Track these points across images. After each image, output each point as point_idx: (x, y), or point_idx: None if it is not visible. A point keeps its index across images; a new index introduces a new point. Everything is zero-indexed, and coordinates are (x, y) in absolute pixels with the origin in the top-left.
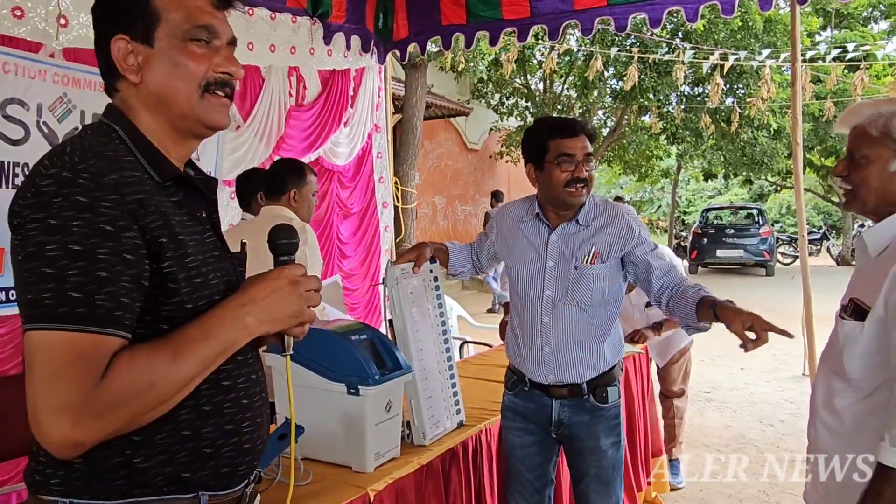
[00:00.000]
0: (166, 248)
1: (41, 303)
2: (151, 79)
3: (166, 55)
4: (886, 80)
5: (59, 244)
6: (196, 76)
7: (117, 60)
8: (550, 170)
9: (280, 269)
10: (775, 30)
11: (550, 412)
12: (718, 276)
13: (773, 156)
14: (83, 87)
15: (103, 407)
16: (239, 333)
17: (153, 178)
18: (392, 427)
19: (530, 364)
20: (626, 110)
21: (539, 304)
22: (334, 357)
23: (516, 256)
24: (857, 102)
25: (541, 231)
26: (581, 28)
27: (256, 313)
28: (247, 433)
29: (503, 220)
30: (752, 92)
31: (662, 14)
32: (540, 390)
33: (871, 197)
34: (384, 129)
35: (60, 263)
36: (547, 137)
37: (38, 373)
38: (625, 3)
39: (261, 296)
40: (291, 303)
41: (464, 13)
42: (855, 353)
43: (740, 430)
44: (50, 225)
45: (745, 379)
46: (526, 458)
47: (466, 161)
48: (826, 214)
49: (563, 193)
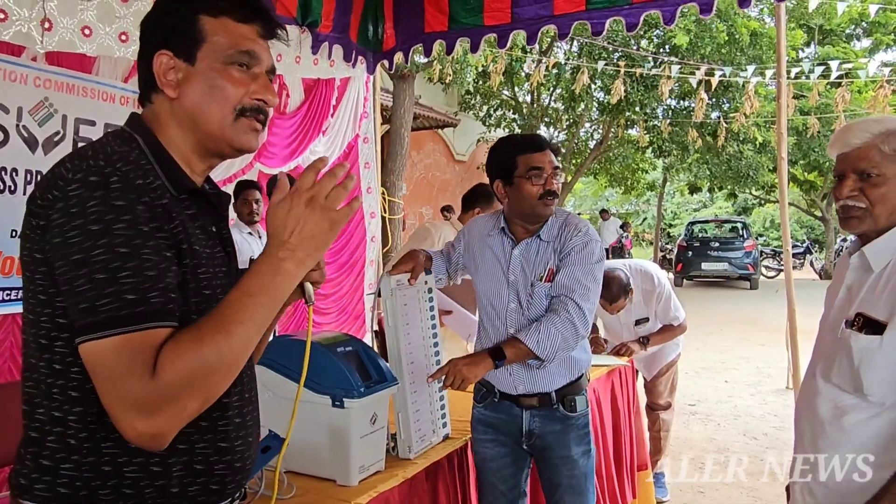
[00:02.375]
0: (184, 255)
1: (97, 310)
2: (188, 96)
3: (206, 75)
4: (868, 94)
5: (105, 248)
6: (232, 100)
7: (158, 74)
8: (521, 184)
9: (289, 195)
10: (761, 43)
11: (521, 423)
12: (703, 289)
13: (758, 169)
14: (65, 91)
15: (168, 396)
16: (283, 280)
17: (169, 190)
18: (377, 440)
19: (500, 376)
20: (613, 123)
21: (505, 316)
22: (319, 369)
23: (482, 270)
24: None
25: (505, 245)
26: (558, 32)
27: (293, 256)
28: (238, 451)
29: (471, 234)
30: (738, 106)
31: (639, 18)
32: (510, 401)
33: (885, 214)
34: (372, 139)
35: (111, 267)
36: (514, 153)
37: (104, 378)
38: (603, 8)
39: (289, 235)
40: (320, 222)
41: (446, 20)
42: (874, 368)
43: (724, 442)
44: (92, 231)
45: (729, 392)
46: (498, 470)
47: (454, 172)
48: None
49: (538, 206)
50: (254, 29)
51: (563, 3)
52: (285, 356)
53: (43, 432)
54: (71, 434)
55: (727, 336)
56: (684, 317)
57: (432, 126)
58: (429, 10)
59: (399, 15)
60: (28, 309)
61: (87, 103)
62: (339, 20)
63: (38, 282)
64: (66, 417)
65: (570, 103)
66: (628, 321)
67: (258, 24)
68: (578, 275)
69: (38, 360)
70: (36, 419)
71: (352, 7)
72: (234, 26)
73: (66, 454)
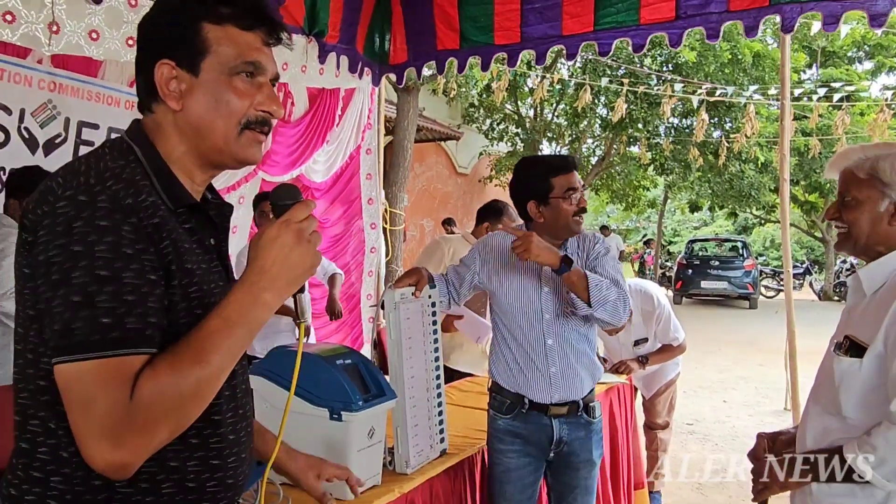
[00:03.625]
0: (173, 276)
1: (72, 333)
2: (192, 108)
3: (210, 87)
4: (869, 117)
5: (84, 270)
6: (237, 113)
7: (160, 84)
8: (558, 204)
9: (279, 224)
10: (763, 64)
11: (551, 432)
12: (702, 308)
13: (759, 189)
14: (70, 93)
15: (140, 425)
16: (261, 312)
17: (166, 204)
18: (374, 454)
19: (535, 386)
20: (615, 140)
21: (541, 327)
22: (317, 381)
23: (510, 285)
24: (844, 147)
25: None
26: (567, 53)
27: (272, 286)
28: (231, 468)
29: (490, 251)
30: (739, 126)
31: (646, 39)
32: (538, 411)
33: (862, 237)
34: (375, 150)
35: (89, 290)
36: (549, 175)
37: (75, 402)
38: (610, 29)
39: (271, 264)
40: (304, 257)
41: (458, 38)
42: (852, 391)
43: (722, 463)
44: (73, 251)
45: (727, 412)
46: (520, 480)
47: (456, 185)
48: (809, 249)
49: (572, 222)
50: (259, 36)
51: (572, 24)
52: (283, 367)
53: (35, 444)
54: (63, 447)
55: (726, 355)
56: (684, 337)
57: (435, 138)
58: (440, 27)
59: (411, 31)
60: (19, 322)
61: (91, 106)
62: (345, 31)
63: (27, 296)
64: (57, 430)
65: (572, 119)
66: (627, 341)
67: (263, 31)
68: (611, 271)
69: (29, 373)
70: (28, 430)
71: (359, 19)
72: (239, 34)
73: (56, 467)
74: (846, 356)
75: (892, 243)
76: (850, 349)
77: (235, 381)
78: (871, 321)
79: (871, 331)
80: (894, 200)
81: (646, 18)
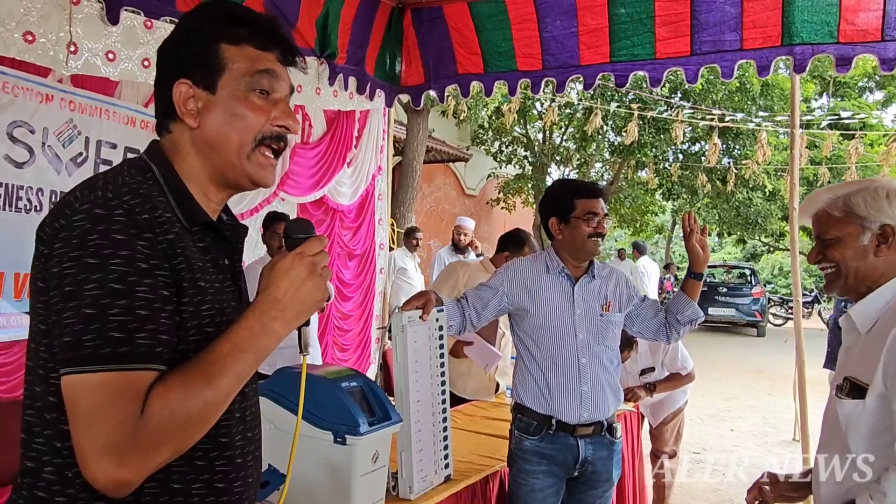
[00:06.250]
0: (185, 293)
1: (82, 345)
2: (209, 124)
3: (227, 103)
4: (880, 148)
5: (98, 283)
6: (253, 128)
7: (178, 104)
8: (577, 224)
9: (293, 256)
10: (772, 94)
11: (577, 452)
12: (709, 334)
13: (766, 217)
14: (90, 113)
15: (146, 443)
16: (270, 340)
17: (181, 221)
18: (378, 479)
19: (566, 406)
20: (624, 164)
21: (574, 347)
22: (322, 404)
23: (543, 306)
24: (813, 192)
25: (564, 283)
26: (584, 83)
27: (283, 316)
28: (237, 493)
29: (519, 276)
30: (747, 153)
31: (663, 74)
32: (565, 431)
33: (851, 272)
34: (385, 171)
35: (102, 303)
36: (575, 196)
37: (81, 416)
38: (627, 61)
39: (283, 295)
40: (315, 291)
41: (480, 62)
42: (860, 434)
43: (729, 493)
44: (88, 264)
45: (734, 441)
46: (545, 500)
47: (463, 206)
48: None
49: (588, 243)
50: (274, 56)
51: (588, 54)
52: (288, 389)
53: (40, 462)
54: (68, 466)
55: (733, 383)
56: (692, 366)
57: (444, 160)
58: (459, 51)
59: (427, 54)
60: (31, 337)
61: (109, 126)
62: (353, 52)
63: (39, 311)
64: (63, 450)
65: (581, 143)
66: (634, 370)
67: (278, 52)
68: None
69: (38, 390)
70: (34, 448)
71: (368, 41)
72: (255, 53)
73: (61, 487)
74: (848, 398)
75: (877, 277)
76: (851, 391)
77: (246, 404)
78: (867, 360)
79: (869, 370)
80: (875, 232)
81: (661, 53)
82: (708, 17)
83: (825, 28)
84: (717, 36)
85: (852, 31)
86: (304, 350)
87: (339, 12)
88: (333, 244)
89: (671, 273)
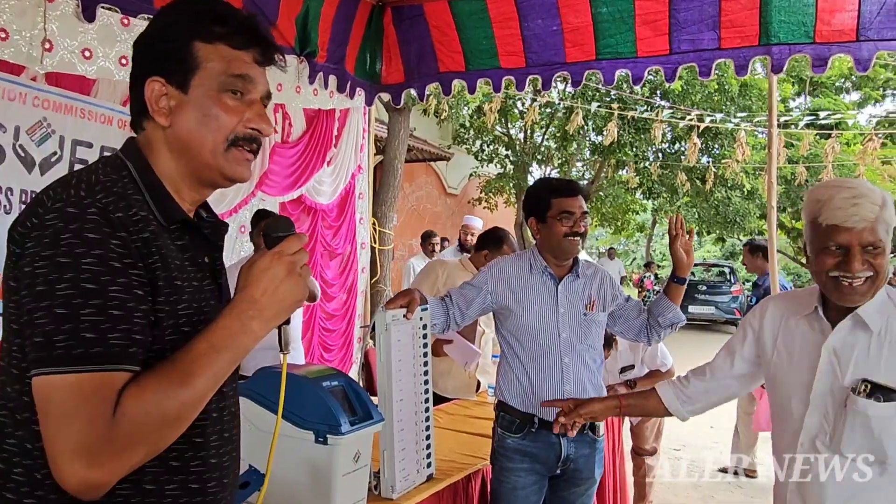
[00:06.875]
0: (160, 292)
1: (54, 345)
2: (181, 124)
3: (199, 103)
4: (856, 147)
5: (70, 282)
6: (225, 129)
7: (149, 101)
8: (552, 224)
9: (271, 255)
10: (750, 94)
11: (559, 450)
12: (689, 332)
13: (745, 215)
14: (64, 112)
15: (120, 445)
16: (248, 340)
17: (158, 219)
18: (360, 478)
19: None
20: (604, 164)
21: (557, 346)
22: (303, 403)
23: (527, 305)
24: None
25: (547, 282)
26: (571, 80)
27: (261, 315)
28: (211, 493)
29: (503, 275)
30: (726, 153)
31: (644, 72)
32: (547, 429)
33: (883, 279)
34: (366, 170)
35: (74, 302)
36: (551, 195)
37: (53, 417)
38: (611, 59)
39: (261, 294)
40: (294, 290)
41: (462, 60)
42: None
43: (709, 490)
44: (60, 263)
45: (714, 438)
46: (527, 498)
47: (445, 205)
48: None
49: (564, 242)
50: (250, 55)
51: (574, 52)
52: (268, 388)
53: (10, 464)
54: (38, 468)
55: None
56: (672, 363)
57: (425, 159)
58: (440, 49)
59: (407, 52)
60: (4, 337)
61: (85, 125)
62: (333, 50)
63: (12, 310)
64: (34, 451)
65: (562, 142)
66: (614, 368)
67: (255, 51)
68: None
69: (11, 390)
70: (4, 449)
71: (348, 39)
72: (230, 53)
73: (30, 489)
74: (879, 402)
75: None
76: (873, 392)
77: (225, 403)
78: (886, 362)
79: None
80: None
81: (642, 51)
82: (686, 16)
83: (802, 28)
84: (696, 35)
85: (828, 32)
86: (284, 349)
87: (319, 10)
88: (316, 243)
89: (651, 272)
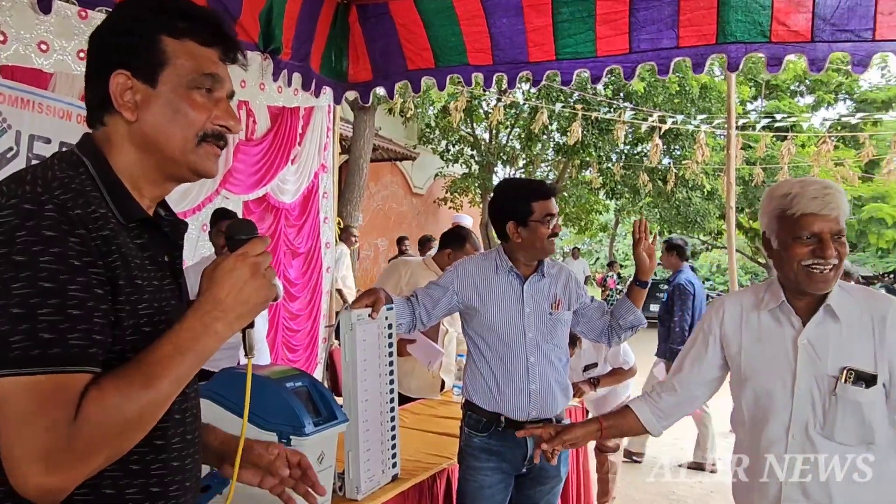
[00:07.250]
0: (120, 291)
1: (10, 346)
2: (147, 119)
3: (167, 99)
4: (811, 149)
5: (27, 282)
6: (195, 125)
7: (115, 95)
8: (536, 227)
9: (235, 257)
10: (710, 96)
11: (525, 449)
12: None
13: (705, 216)
14: (20, 106)
15: (80, 449)
16: (212, 341)
17: (117, 217)
18: (324, 480)
19: (514, 404)
20: (568, 164)
21: (523, 346)
22: (266, 405)
23: (492, 305)
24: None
25: (513, 282)
26: (532, 80)
27: (225, 317)
28: (174, 497)
29: (469, 275)
30: (687, 154)
31: (603, 71)
32: (513, 428)
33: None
34: (331, 169)
35: (31, 302)
36: (531, 199)
37: (9, 421)
38: (570, 59)
39: (226, 295)
40: (259, 291)
41: (431, 57)
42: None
43: (669, 486)
44: (16, 261)
45: (674, 434)
46: (493, 496)
47: (411, 205)
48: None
49: (548, 244)
50: (216, 52)
51: (536, 51)
52: (230, 390)
53: None
54: None
55: None
56: (634, 361)
57: (391, 158)
58: (407, 47)
59: (374, 50)
60: None
61: (42, 120)
62: (298, 48)
63: None
64: None
65: (527, 143)
66: (577, 366)
67: (220, 48)
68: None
69: None
70: None
71: (313, 37)
72: (197, 49)
73: None
74: (864, 388)
75: None
76: (857, 380)
77: (187, 405)
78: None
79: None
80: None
81: (602, 50)
82: (646, 15)
83: (758, 28)
84: (654, 34)
85: (784, 32)
86: (249, 353)
87: (283, 7)
88: (279, 242)
89: (614, 271)
